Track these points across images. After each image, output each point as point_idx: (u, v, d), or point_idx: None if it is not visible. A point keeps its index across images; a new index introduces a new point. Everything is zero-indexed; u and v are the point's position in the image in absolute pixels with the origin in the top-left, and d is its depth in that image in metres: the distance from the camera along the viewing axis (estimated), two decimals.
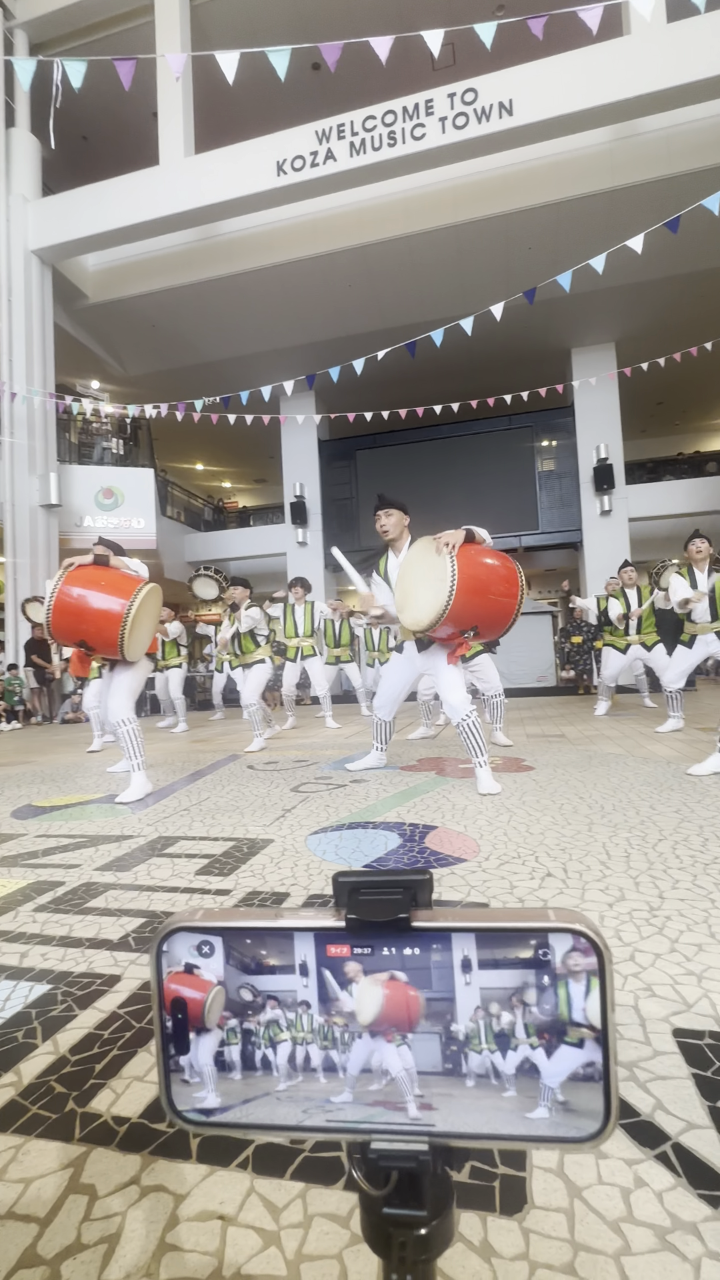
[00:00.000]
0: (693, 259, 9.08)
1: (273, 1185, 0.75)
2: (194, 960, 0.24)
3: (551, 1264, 0.63)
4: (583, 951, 0.22)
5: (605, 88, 7.02)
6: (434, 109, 7.54)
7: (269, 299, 10.16)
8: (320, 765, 4.00)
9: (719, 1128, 0.80)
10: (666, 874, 1.69)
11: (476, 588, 2.72)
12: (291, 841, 2.21)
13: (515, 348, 11.48)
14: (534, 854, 1.93)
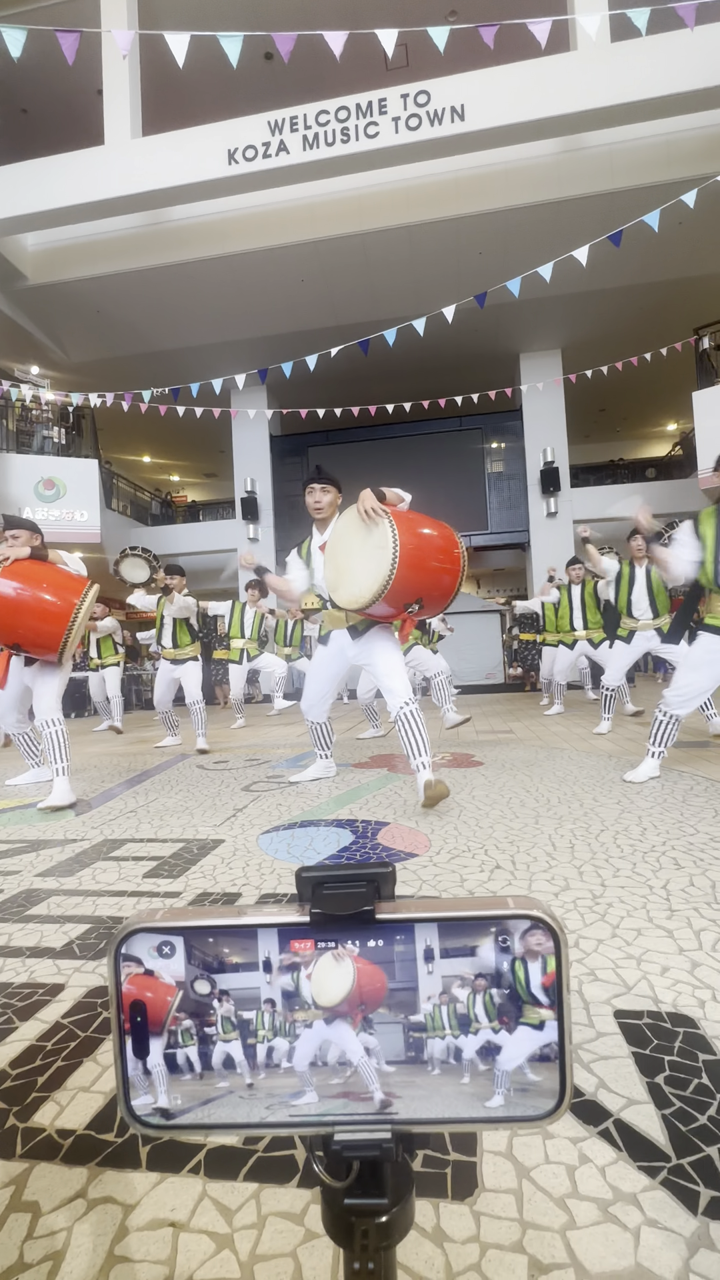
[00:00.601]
0: (634, 272, 9.44)
1: (226, 1188, 0.74)
2: (154, 961, 0.23)
3: (501, 1244, 0.65)
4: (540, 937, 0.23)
5: (552, 100, 7.20)
6: (387, 108, 7.56)
7: (220, 290, 9.98)
8: (272, 764, 3.97)
9: (656, 1102, 0.84)
10: (608, 863, 1.76)
11: (418, 554, 2.46)
12: (243, 841, 2.18)
13: (466, 350, 11.66)
14: (483, 847, 1.97)
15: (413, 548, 2.41)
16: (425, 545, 2.51)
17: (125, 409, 8.11)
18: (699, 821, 2.13)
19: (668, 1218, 0.67)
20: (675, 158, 8.12)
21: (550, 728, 5.17)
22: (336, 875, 0.24)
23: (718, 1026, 0.99)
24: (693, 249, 9.14)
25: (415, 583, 2.46)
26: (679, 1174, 0.72)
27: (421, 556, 2.46)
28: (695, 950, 1.23)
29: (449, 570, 2.57)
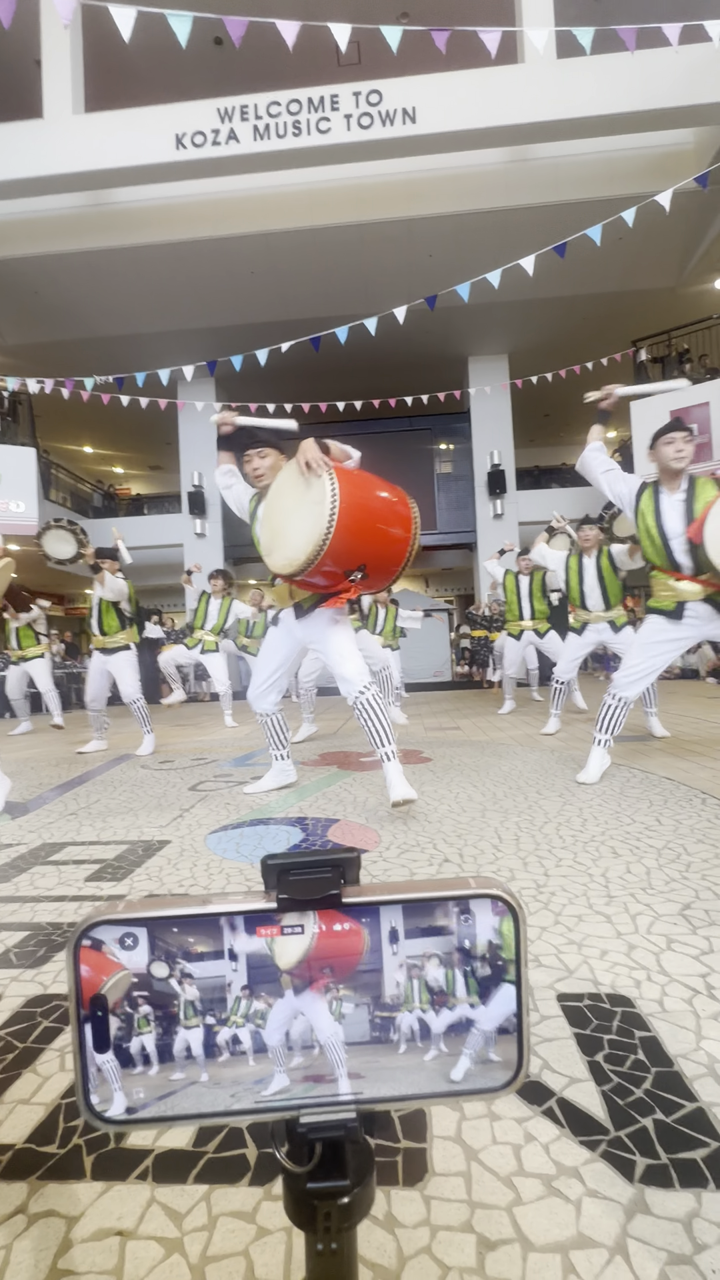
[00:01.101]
0: (577, 283, 9.76)
1: (175, 1192, 0.73)
2: (116, 953, 0.23)
3: (451, 1225, 0.66)
4: (500, 914, 0.24)
5: (500, 110, 7.36)
6: (339, 104, 7.55)
7: (166, 277, 9.72)
8: (220, 763, 3.91)
9: (596, 1079, 0.87)
10: (551, 853, 1.82)
11: (362, 515, 2.16)
12: (190, 841, 2.14)
13: (416, 351, 11.78)
14: (432, 841, 2.01)
15: (356, 505, 2.11)
16: (372, 504, 2.21)
17: (66, 396, 7.78)
18: (635, 812, 2.23)
19: (607, 1187, 0.70)
20: (616, 175, 8.44)
21: (497, 724, 5.29)
22: (302, 862, 0.24)
23: (652, 1004, 1.04)
24: (631, 264, 9.54)
25: (358, 547, 2.16)
26: (617, 1145, 0.76)
27: (366, 516, 2.16)
28: (631, 934, 1.29)
29: (399, 536, 2.26)
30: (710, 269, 9.87)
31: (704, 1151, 0.74)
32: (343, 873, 0.24)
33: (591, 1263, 0.61)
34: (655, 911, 1.39)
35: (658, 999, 1.06)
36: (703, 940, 1.25)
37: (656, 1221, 0.65)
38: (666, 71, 7.13)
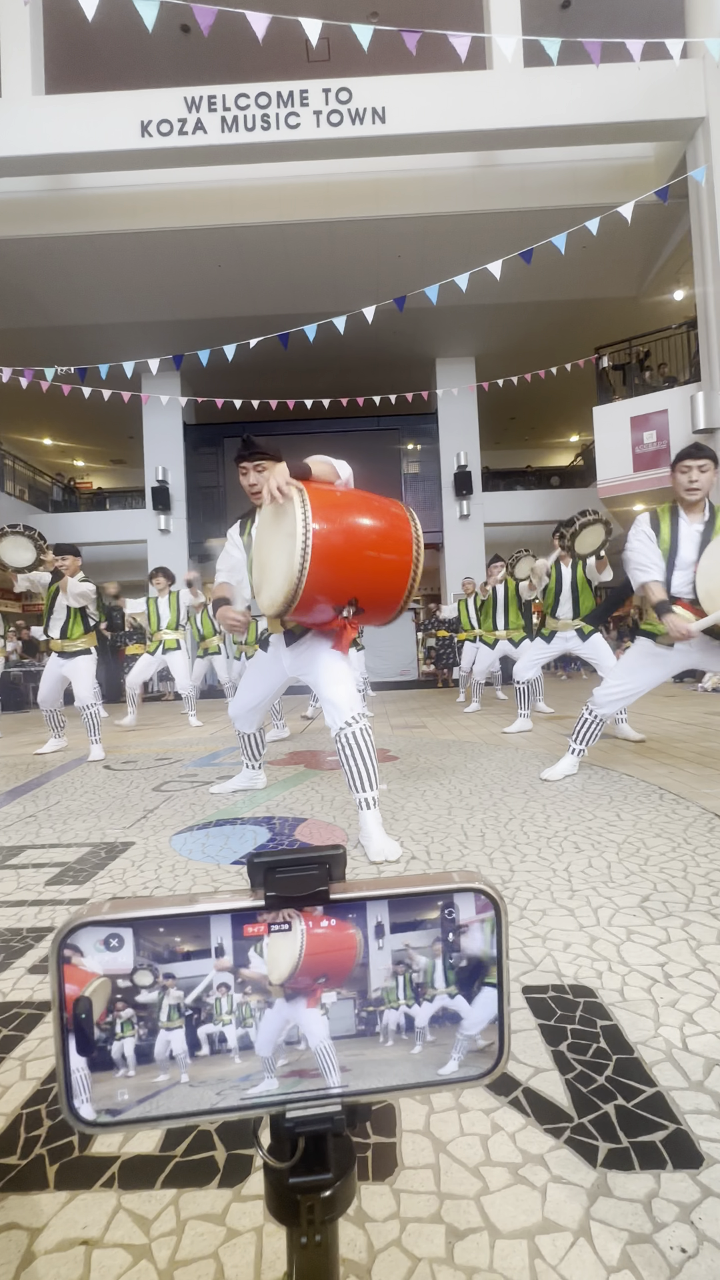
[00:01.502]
0: (542, 290, 9.94)
1: (142, 1198, 0.72)
2: (101, 955, 0.23)
3: (420, 1216, 0.67)
4: (482, 907, 0.24)
5: (469, 115, 7.44)
6: (309, 100, 7.51)
7: (131, 267, 9.51)
8: (184, 763, 3.86)
9: (560, 1068, 0.90)
10: (516, 849, 1.85)
11: (345, 542, 1.88)
12: (155, 843, 2.11)
13: (384, 351, 11.81)
14: (399, 839, 2.02)
15: (336, 533, 1.85)
16: (356, 530, 1.93)
17: (24, 385, 7.55)
18: (596, 808, 2.28)
19: (570, 1172, 0.72)
20: (580, 185, 8.63)
21: (462, 723, 5.36)
22: (289, 859, 0.24)
23: (613, 994, 1.07)
24: (595, 273, 9.76)
25: (343, 579, 1.91)
26: (581, 1132, 0.78)
27: (351, 544, 1.90)
28: (593, 926, 1.32)
29: (395, 563, 1.97)
30: (669, 280, 10.19)
31: (662, 1134, 0.77)
32: (329, 869, 0.25)
33: (556, 1246, 0.63)
34: (616, 904, 1.43)
35: (618, 989, 1.09)
36: (660, 931, 1.29)
37: (618, 1203, 0.67)
38: (629, 86, 7.32)
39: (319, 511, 1.83)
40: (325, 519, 1.83)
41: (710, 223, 7.62)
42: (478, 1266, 0.61)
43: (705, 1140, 0.75)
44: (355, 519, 1.95)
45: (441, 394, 11.77)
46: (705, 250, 7.76)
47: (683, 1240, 0.63)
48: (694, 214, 7.97)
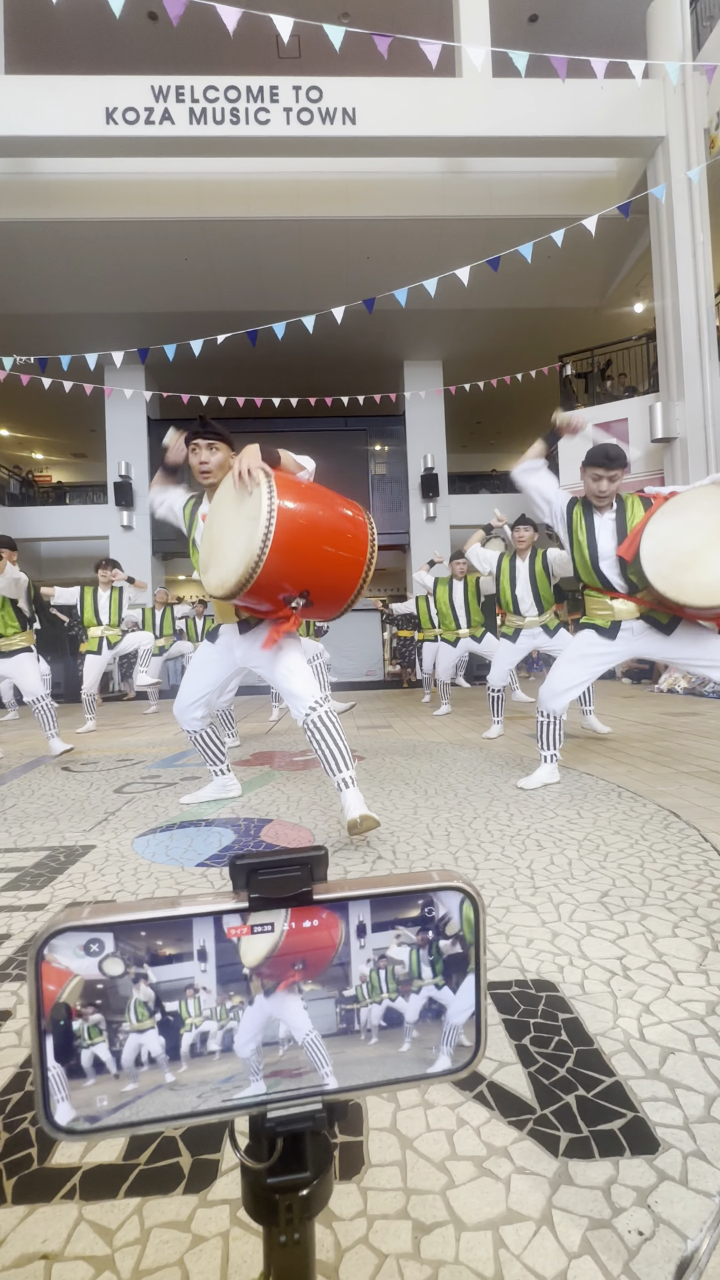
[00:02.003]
0: (509, 297, 10.10)
1: (104, 1208, 0.70)
2: (80, 960, 0.22)
3: (387, 1213, 0.68)
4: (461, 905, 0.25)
5: (438, 121, 7.51)
6: (279, 97, 7.47)
7: (94, 256, 9.29)
8: (146, 764, 3.79)
9: (523, 1062, 0.92)
10: (480, 848, 1.88)
11: (306, 534, 1.92)
12: (116, 846, 2.07)
13: (353, 352, 11.83)
14: (365, 839, 2.03)
15: (298, 523, 1.88)
16: (317, 523, 1.96)
17: None
18: (558, 807, 2.34)
19: (533, 1163, 0.74)
20: (546, 196, 8.80)
21: (428, 723, 5.40)
22: (271, 861, 0.24)
23: (574, 987, 1.10)
24: (559, 283, 9.97)
25: (299, 570, 1.92)
26: (543, 1123, 0.80)
27: (311, 536, 1.93)
28: (555, 921, 1.36)
29: (349, 560, 1.99)
30: (630, 293, 10.48)
31: (621, 1122, 0.79)
32: (311, 870, 0.25)
33: (520, 1235, 0.64)
34: (576, 900, 1.46)
35: (579, 982, 1.12)
36: (619, 925, 1.33)
37: (579, 1191, 0.69)
38: (594, 102, 7.51)
39: (285, 500, 1.86)
40: (290, 508, 1.86)
41: (669, 239, 7.87)
42: (444, 1259, 0.62)
43: (661, 1126, 0.78)
44: (317, 511, 1.98)
45: (409, 396, 11.85)
46: (664, 265, 8.01)
47: (640, 1224, 0.65)
48: (653, 230, 8.22)
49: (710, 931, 1.28)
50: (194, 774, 3.35)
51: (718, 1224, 0.65)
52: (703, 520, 2.16)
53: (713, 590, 2.08)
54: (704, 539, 2.13)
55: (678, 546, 2.18)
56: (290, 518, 1.85)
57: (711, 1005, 1.03)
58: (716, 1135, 0.76)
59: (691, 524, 2.18)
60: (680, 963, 1.16)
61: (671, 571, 2.17)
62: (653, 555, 2.23)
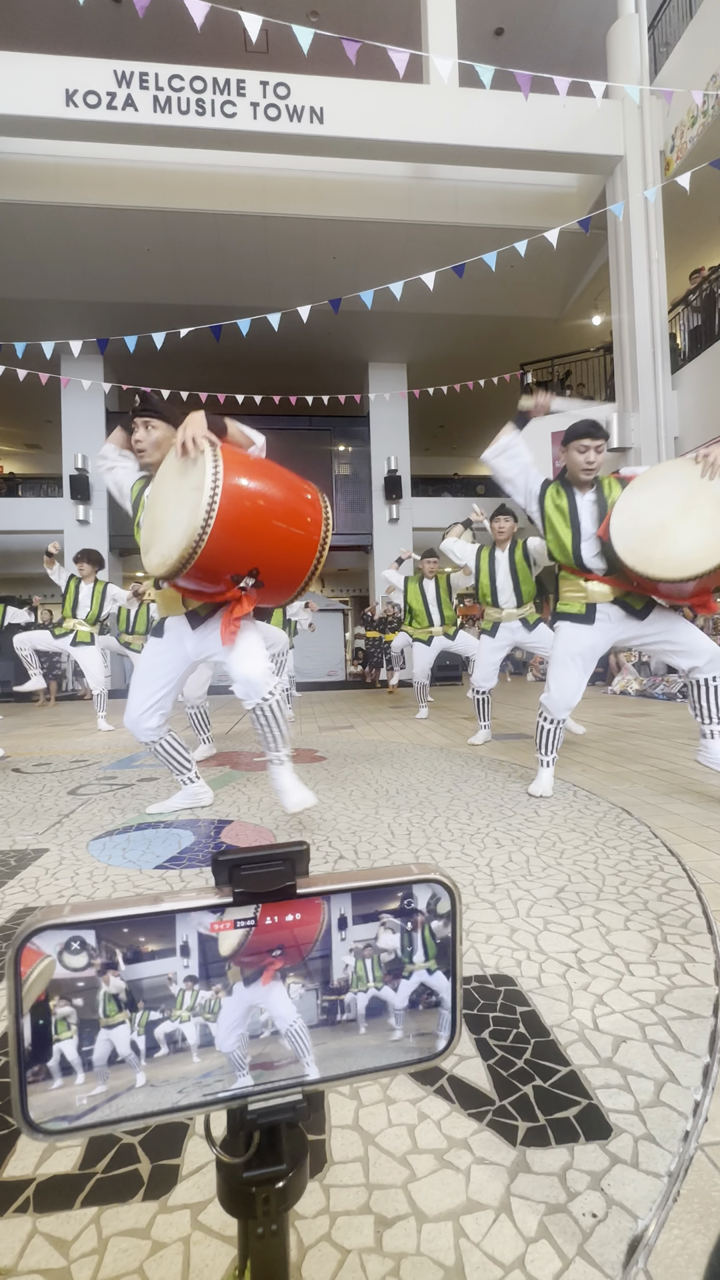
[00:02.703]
0: (473, 303, 10.27)
1: (59, 1220, 0.69)
2: (62, 958, 0.22)
3: (349, 1209, 0.68)
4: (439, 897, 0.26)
5: (405, 126, 7.58)
6: (246, 91, 7.40)
7: (52, 241, 9.02)
8: (102, 765, 3.69)
9: (483, 1054, 0.93)
10: (441, 846, 1.91)
11: (253, 507, 1.79)
12: (71, 849, 2.01)
13: (318, 352, 11.82)
14: (327, 839, 2.03)
15: (245, 495, 1.75)
16: (268, 495, 1.83)
17: None
18: (515, 805, 2.38)
19: (492, 1153, 0.75)
20: (510, 207, 8.98)
21: (389, 724, 5.44)
22: (254, 856, 0.25)
23: (531, 981, 1.13)
24: (521, 292, 10.19)
25: (246, 546, 1.79)
26: (502, 1114, 0.81)
27: (259, 510, 1.80)
28: (513, 917, 1.39)
29: (302, 538, 1.86)
30: (589, 306, 10.79)
31: (575, 1110, 0.82)
32: (293, 865, 0.25)
33: (479, 1224, 0.66)
34: (534, 896, 1.50)
35: (536, 976, 1.14)
36: (574, 920, 1.37)
37: (536, 1178, 0.71)
38: (556, 119, 7.70)
39: (231, 469, 1.74)
40: (236, 478, 1.75)
41: (626, 255, 8.13)
42: (406, 1251, 0.63)
43: (614, 1112, 0.81)
44: (266, 485, 1.86)
45: (374, 398, 11.91)
46: (621, 280, 8.28)
47: (594, 1206, 0.67)
48: (612, 246, 8.48)
49: (660, 924, 1.33)
50: (151, 774, 3.28)
51: (666, 1203, 0.68)
52: (672, 494, 2.11)
53: (682, 562, 2.01)
54: (673, 512, 2.08)
55: (646, 520, 2.13)
56: (237, 489, 1.74)
57: (661, 994, 1.07)
58: (665, 1119, 0.80)
59: (661, 498, 2.13)
60: (632, 954, 1.21)
61: (640, 545, 2.11)
62: (622, 530, 2.17)
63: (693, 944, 1.24)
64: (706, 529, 2.01)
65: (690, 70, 7.41)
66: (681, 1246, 0.63)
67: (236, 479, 1.74)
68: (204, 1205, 0.69)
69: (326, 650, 11.99)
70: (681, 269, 8.84)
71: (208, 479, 1.68)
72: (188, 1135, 0.80)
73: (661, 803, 2.36)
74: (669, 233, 8.29)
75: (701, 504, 2.05)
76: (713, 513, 2.02)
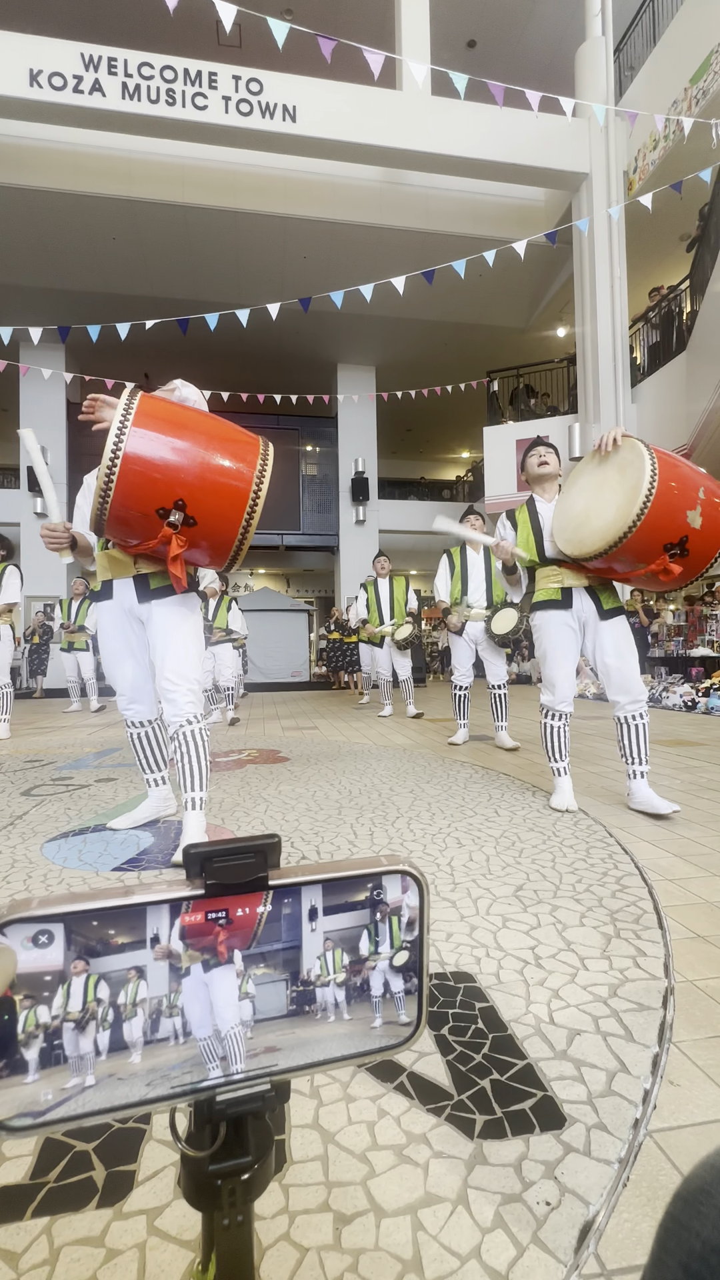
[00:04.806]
0: (441, 310, 10.39)
1: (9, 1231, 0.67)
2: (29, 952, 0.21)
3: (309, 1208, 0.68)
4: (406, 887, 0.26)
5: (377, 130, 7.61)
6: (218, 84, 7.32)
7: (12, 224, 8.73)
8: (57, 765, 3.59)
9: (442, 1051, 0.95)
10: (403, 846, 1.92)
11: (171, 423, 1.66)
12: (24, 851, 1.95)
13: (287, 351, 11.76)
14: (289, 840, 2.02)
15: (161, 413, 1.66)
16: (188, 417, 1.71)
17: None
18: (476, 805, 2.42)
19: (450, 1147, 0.76)
20: (480, 217, 9.12)
21: (353, 724, 5.44)
22: (226, 849, 0.25)
23: (490, 978, 1.15)
24: (489, 302, 10.36)
25: (167, 470, 1.62)
26: (460, 1108, 0.83)
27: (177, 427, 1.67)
28: (473, 915, 1.41)
29: (231, 470, 1.68)
30: (553, 317, 11.04)
31: (531, 1102, 0.84)
32: (265, 857, 0.25)
33: (437, 1217, 0.67)
34: (493, 894, 1.53)
35: (495, 972, 1.17)
36: (532, 917, 1.40)
37: (492, 1169, 0.73)
38: (526, 133, 7.85)
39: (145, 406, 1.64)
40: (151, 401, 1.67)
41: (590, 270, 8.35)
42: (364, 1247, 0.64)
43: (567, 1103, 0.83)
44: (188, 419, 1.71)
45: (342, 399, 11.92)
46: (585, 294, 8.50)
47: (547, 1195, 0.69)
48: (577, 260, 8.70)
49: (613, 920, 1.37)
50: (109, 775, 3.21)
51: (616, 1188, 0.70)
52: (587, 482, 2.29)
53: (605, 532, 2.12)
54: (590, 496, 2.25)
55: (573, 512, 2.31)
56: (152, 407, 1.64)
57: (613, 988, 1.10)
58: (617, 1107, 0.82)
59: (580, 489, 2.31)
60: (586, 950, 1.24)
61: (575, 534, 2.27)
62: (560, 529, 2.36)
63: (644, 939, 1.28)
64: (617, 494, 2.14)
65: (653, 94, 7.67)
66: (630, 1229, 0.65)
67: (153, 401, 1.67)
68: (161, 1210, 0.68)
69: (290, 650, 11.94)
70: (642, 286, 9.13)
71: (122, 401, 1.62)
72: (144, 1140, 0.79)
73: (615, 803, 2.43)
74: (631, 251, 8.56)
75: (609, 478, 2.19)
76: (618, 478, 2.16)
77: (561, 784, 2.45)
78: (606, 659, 2.37)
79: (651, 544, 2.11)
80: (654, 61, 7.75)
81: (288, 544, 13.03)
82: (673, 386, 7.73)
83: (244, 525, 1.71)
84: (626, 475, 2.11)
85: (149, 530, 1.69)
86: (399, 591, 5.49)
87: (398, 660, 5.52)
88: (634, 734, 2.35)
